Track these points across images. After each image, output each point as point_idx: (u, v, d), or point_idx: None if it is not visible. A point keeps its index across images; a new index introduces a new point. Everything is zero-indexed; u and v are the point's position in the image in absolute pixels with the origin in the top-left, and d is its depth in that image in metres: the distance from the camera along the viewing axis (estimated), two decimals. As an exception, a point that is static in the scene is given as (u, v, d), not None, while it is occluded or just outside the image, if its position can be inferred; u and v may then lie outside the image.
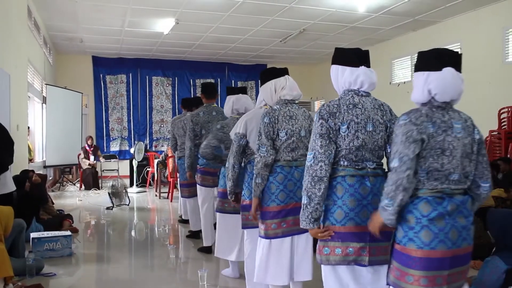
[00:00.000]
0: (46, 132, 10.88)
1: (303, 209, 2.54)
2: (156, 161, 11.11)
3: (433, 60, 2.26)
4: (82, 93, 12.88)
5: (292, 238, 3.25)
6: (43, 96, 11.04)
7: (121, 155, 14.15)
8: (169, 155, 10.10)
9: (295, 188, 3.23)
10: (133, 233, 7.01)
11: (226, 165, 3.73)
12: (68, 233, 5.41)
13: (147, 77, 14.68)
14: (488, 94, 9.21)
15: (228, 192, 3.73)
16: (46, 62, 11.49)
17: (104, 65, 14.20)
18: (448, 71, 2.22)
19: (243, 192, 3.70)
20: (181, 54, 14.02)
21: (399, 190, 2.13)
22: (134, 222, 7.85)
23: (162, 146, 14.56)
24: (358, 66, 2.62)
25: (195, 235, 6.18)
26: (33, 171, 6.87)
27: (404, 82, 11.77)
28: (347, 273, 2.56)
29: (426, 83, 2.27)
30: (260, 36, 11.69)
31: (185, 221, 6.85)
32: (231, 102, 4.51)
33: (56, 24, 10.55)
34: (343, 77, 2.64)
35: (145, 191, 11.24)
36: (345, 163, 2.54)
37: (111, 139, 14.37)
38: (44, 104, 11.10)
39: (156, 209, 9.01)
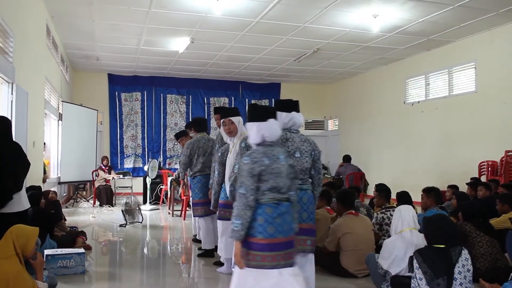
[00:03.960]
0: (62, 148, 11.00)
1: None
2: (169, 178, 11.13)
3: (261, 113, 3.35)
4: (97, 110, 13.02)
5: None
6: (59, 113, 11.18)
7: (135, 172, 14.22)
8: (183, 173, 10.11)
9: None
10: (145, 251, 6.99)
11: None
12: (82, 250, 5.41)
13: (161, 95, 14.82)
14: (504, 113, 9.13)
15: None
16: (63, 79, 11.67)
17: (119, 83, 14.38)
18: (272, 121, 3.34)
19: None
20: (195, 73, 14.14)
21: (247, 210, 3.17)
22: (147, 240, 7.84)
23: (176, 163, 14.59)
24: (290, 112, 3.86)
25: (208, 253, 6.12)
26: (40, 187, 6.90)
27: (418, 102, 11.72)
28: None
29: (259, 130, 3.28)
30: (274, 55, 11.76)
31: (199, 241, 6.79)
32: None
33: (74, 42, 10.74)
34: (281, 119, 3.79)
35: (158, 209, 11.24)
36: None
37: (125, 156, 14.47)
38: (60, 121, 11.24)
39: (169, 227, 9.00)
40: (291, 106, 3.83)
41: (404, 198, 5.69)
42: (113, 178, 12.15)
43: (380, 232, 5.56)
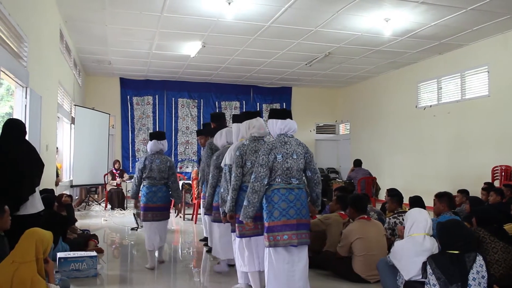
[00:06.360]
0: (74, 152, 11.07)
1: (244, 209, 3.96)
2: (181, 182, 11.14)
3: (151, 136, 5.60)
4: (109, 114, 13.10)
5: (257, 239, 4.35)
6: (72, 116, 11.27)
7: (146, 175, 14.22)
8: (194, 177, 10.12)
9: None
10: (156, 254, 7.00)
11: (222, 190, 4.65)
12: (94, 253, 5.45)
13: (173, 98, 14.90)
14: (517, 118, 9.04)
15: (226, 212, 4.51)
16: (76, 83, 11.76)
17: (131, 87, 14.47)
18: (154, 141, 5.74)
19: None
20: (207, 77, 14.19)
21: (135, 186, 5.78)
22: (158, 243, 7.83)
23: (187, 167, 14.63)
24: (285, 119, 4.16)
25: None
26: (53, 190, 6.95)
27: (430, 106, 11.65)
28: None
29: (148, 146, 5.53)
30: (286, 59, 11.76)
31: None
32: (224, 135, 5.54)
33: (86, 47, 10.83)
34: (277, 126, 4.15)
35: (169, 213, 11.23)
36: (278, 179, 4.00)
37: (137, 159, 14.52)
38: (72, 125, 11.32)
39: (180, 231, 9.01)
40: (286, 114, 4.20)
41: (417, 203, 5.64)
42: (120, 182, 12.16)
43: (392, 237, 5.52)
